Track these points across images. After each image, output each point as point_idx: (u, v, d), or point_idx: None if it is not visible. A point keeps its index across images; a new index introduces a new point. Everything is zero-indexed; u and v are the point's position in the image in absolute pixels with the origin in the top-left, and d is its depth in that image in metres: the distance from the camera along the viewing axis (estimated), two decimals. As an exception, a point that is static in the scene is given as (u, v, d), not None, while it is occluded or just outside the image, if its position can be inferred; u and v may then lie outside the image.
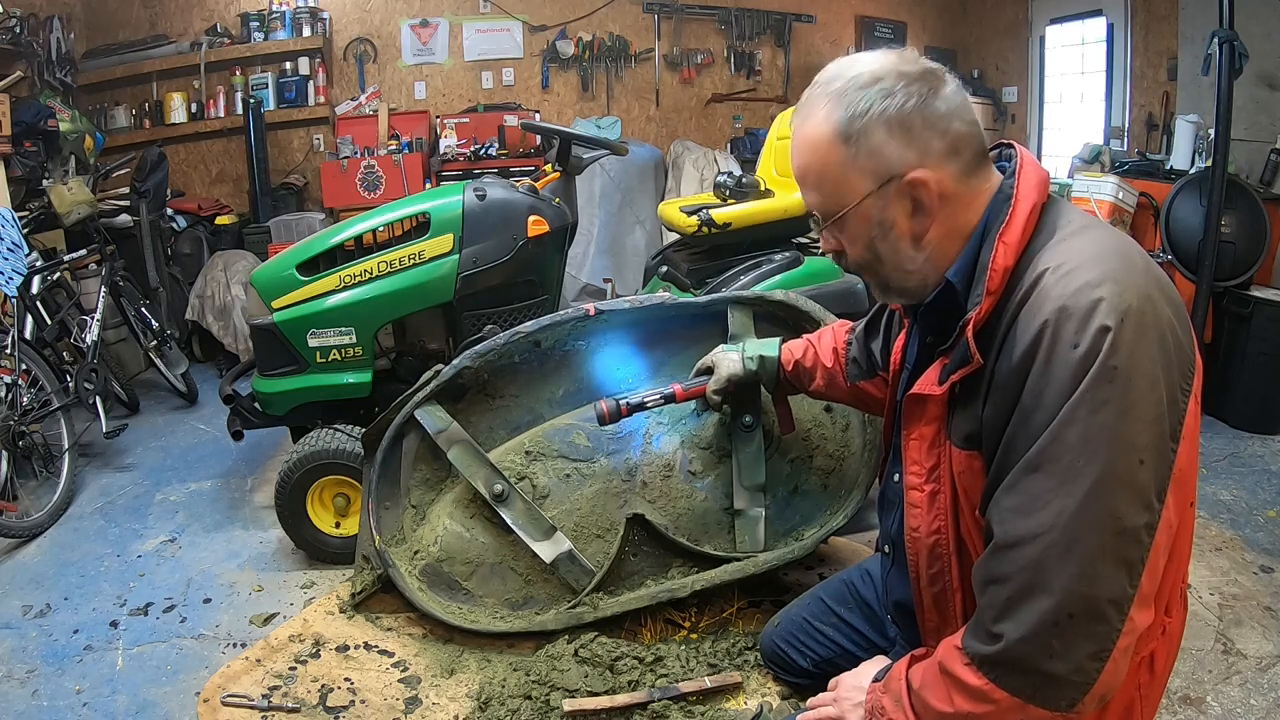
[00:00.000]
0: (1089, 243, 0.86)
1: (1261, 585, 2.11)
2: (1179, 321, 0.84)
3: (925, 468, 1.03)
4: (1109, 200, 3.31)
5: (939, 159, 0.91)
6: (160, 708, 1.76)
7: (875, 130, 0.90)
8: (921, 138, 0.90)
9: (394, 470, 1.98)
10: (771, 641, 1.59)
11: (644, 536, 1.91)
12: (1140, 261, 0.85)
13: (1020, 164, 0.94)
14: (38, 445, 2.74)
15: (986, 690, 0.85)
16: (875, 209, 0.94)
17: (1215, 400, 3.27)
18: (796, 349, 1.60)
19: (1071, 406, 0.79)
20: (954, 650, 0.90)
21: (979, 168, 0.94)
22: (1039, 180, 0.93)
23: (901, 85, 0.90)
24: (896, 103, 0.89)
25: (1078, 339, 0.79)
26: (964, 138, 0.91)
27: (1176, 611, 0.98)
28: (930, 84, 0.90)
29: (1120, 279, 0.81)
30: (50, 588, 2.25)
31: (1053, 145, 5.25)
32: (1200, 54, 3.11)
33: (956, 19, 5.87)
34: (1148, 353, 0.79)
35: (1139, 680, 0.95)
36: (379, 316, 2.30)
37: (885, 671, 1.04)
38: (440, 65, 5.08)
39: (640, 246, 4.82)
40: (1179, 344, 0.82)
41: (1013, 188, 0.92)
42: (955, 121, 0.91)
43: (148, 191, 3.76)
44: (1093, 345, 0.79)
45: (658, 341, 2.09)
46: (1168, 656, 0.99)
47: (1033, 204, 0.90)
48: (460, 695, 1.71)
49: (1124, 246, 0.87)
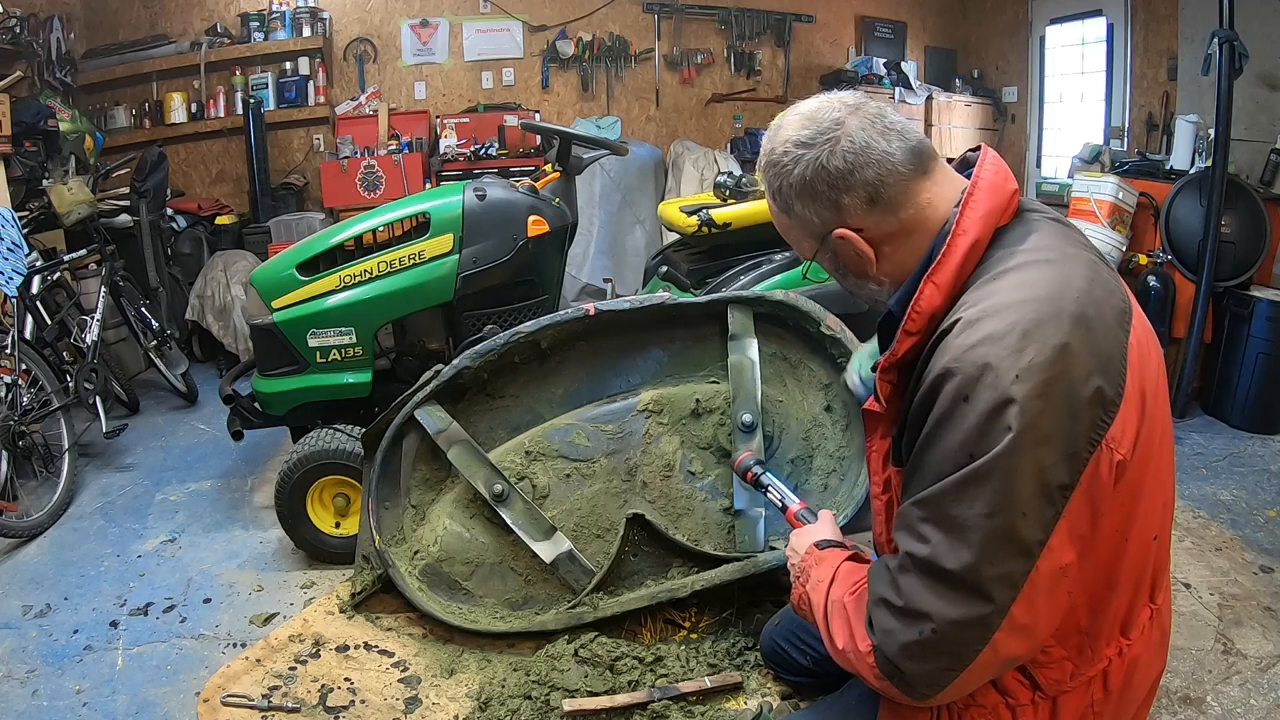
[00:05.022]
0: (1012, 286, 0.86)
1: (1261, 585, 2.11)
2: (1098, 363, 0.83)
3: (881, 479, 1.07)
4: (1109, 200, 3.31)
5: (858, 211, 0.94)
6: (160, 708, 1.76)
7: (794, 200, 0.97)
8: (829, 198, 0.94)
9: (394, 470, 1.99)
10: (772, 640, 1.59)
11: (644, 536, 1.91)
12: (1068, 303, 0.84)
13: (969, 192, 0.92)
14: (38, 445, 2.74)
15: (865, 654, 0.93)
16: (826, 259, 1.02)
17: (1215, 400, 3.28)
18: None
19: (964, 460, 0.83)
20: (867, 604, 0.95)
21: (913, 197, 0.94)
22: (987, 210, 0.91)
23: (794, 156, 0.95)
24: (797, 173, 0.94)
25: (976, 398, 0.82)
26: (877, 182, 0.92)
27: (1138, 635, 0.99)
28: (827, 143, 0.93)
29: (1029, 332, 0.82)
30: (50, 588, 2.25)
31: (1053, 145, 5.25)
32: (1200, 54, 3.12)
33: (956, 19, 5.87)
34: (1036, 413, 0.80)
35: (1091, 698, 0.98)
36: (379, 316, 2.31)
37: (826, 545, 1.13)
38: (440, 65, 5.08)
39: (640, 246, 4.82)
40: (1090, 393, 0.82)
41: (954, 220, 0.91)
42: (861, 172, 0.92)
43: (148, 191, 3.76)
44: (991, 410, 0.81)
45: (658, 341, 2.09)
46: (1128, 676, 1.00)
47: (973, 240, 0.90)
48: (460, 695, 1.71)
49: (1051, 286, 0.85)
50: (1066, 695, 0.97)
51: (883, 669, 0.91)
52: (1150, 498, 0.93)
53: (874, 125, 0.93)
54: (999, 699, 0.98)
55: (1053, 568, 0.84)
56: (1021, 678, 0.97)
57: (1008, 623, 0.84)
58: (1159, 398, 0.93)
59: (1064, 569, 0.85)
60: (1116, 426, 0.84)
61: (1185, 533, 2.38)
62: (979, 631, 0.85)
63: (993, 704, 0.98)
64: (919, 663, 0.88)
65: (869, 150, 0.92)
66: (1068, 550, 0.85)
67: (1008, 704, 0.98)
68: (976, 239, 0.90)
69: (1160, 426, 0.93)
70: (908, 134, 0.95)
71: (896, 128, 0.94)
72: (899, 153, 0.93)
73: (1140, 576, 0.98)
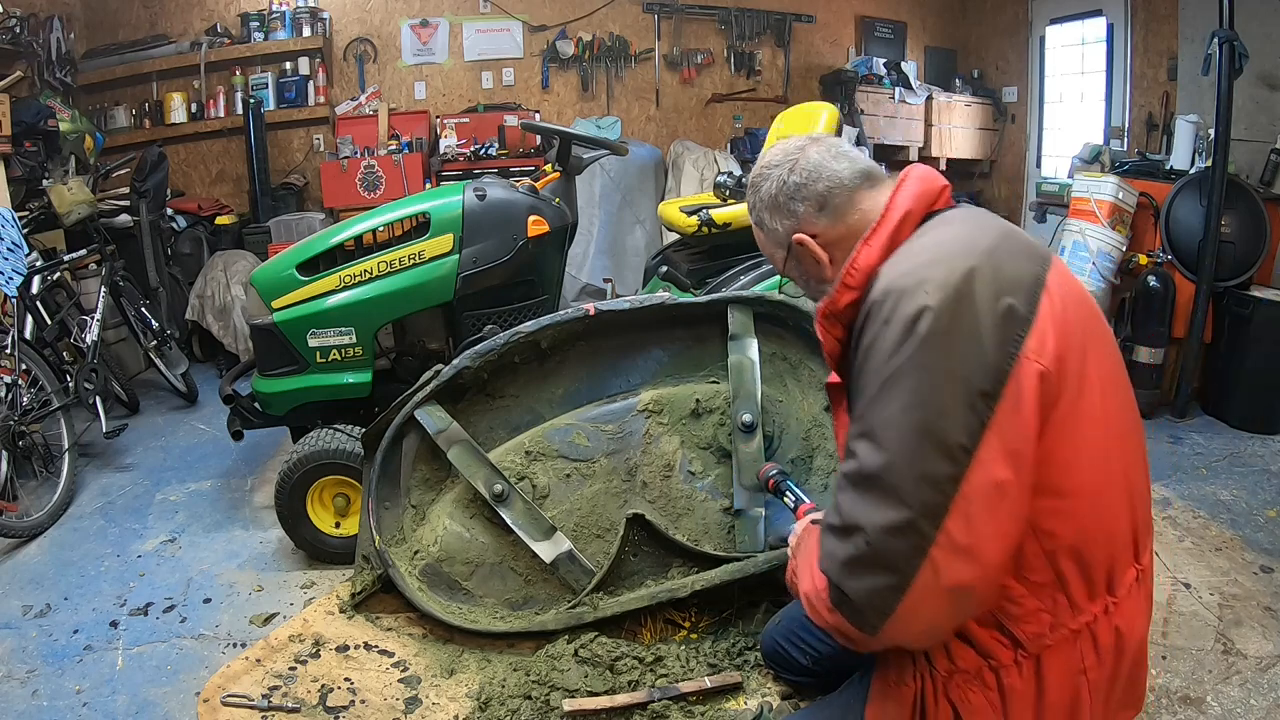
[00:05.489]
0: (932, 240, 1.00)
1: (1261, 585, 2.11)
2: (1007, 285, 0.92)
3: (844, 450, 1.13)
4: (1109, 200, 3.31)
5: (811, 217, 1.11)
6: (160, 708, 1.76)
7: (764, 214, 1.16)
8: (789, 208, 1.12)
9: (394, 470, 1.99)
10: (772, 639, 1.59)
11: (644, 536, 1.91)
12: (979, 244, 0.95)
13: (901, 179, 1.08)
14: (38, 445, 2.74)
15: (821, 590, 0.98)
16: (793, 268, 1.18)
17: (1215, 400, 3.28)
18: None
19: (886, 371, 0.92)
20: (819, 551, 1.01)
21: (857, 204, 1.10)
22: (918, 192, 1.05)
23: (765, 175, 1.15)
24: (765, 189, 1.15)
25: (894, 315, 0.92)
26: (826, 192, 1.10)
27: (1125, 595, 1.01)
28: (788, 164, 1.12)
29: (943, 262, 0.93)
30: (50, 588, 2.25)
31: (1053, 145, 5.24)
32: (1200, 54, 3.12)
33: (956, 19, 5.87)
34: (948, 318, 0.89)
35: (1082, 658, 0.99)
36: (379, 316, 2.30)
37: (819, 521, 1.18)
38: (440, 65, 5.08)
39: (640, 246, 4.82)
40: (1002, 308, 0.91)
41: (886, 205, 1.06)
42: (814, 185, 1.10)
43: (148, 191, 3.76)
44: (907, 320, 0.90)
45: (658, 341, 2.09)
46: (1119, 637, 1.00)
47: (905, 211, 1.03)
48: (460, 695, 1.71)
49: (968, 237, 0.98)
50: (1051, 652, 0.98)
51: (832, 599, 0.95)
52: (1104, 440, 0.97)
53: (829, 151, 1.12)
54: (980, 661, 0.99)
55: (986, 481, 0.87)
56: (1000, 635, 0.98)
57: (944, 538, 0.87)
58: (1097, 344, 1.00)
59: (1000, 485, 0.88)
60: (1033, 340, 0.91)
61: (1185, 533, 2.38)
62: (912, 540, 0.88)
63: (975, 668, 1.00)
64: (858, 579, 0.91)
65: (821, 168, 1.11)
66: (1001, 465, 0.88)
67: (990, 666, 0.99)
68: (909, 210, 1.04)
69: (1103, 374, 0.99)
70: (858, 160, 1.13)
71: (848, 155, 1.13)
72: (846, 171, 1.10)
73: (1115, 529, 1.00)
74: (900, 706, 1.06)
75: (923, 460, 0.88)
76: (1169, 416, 3.29)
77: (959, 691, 1.01)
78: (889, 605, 0.89)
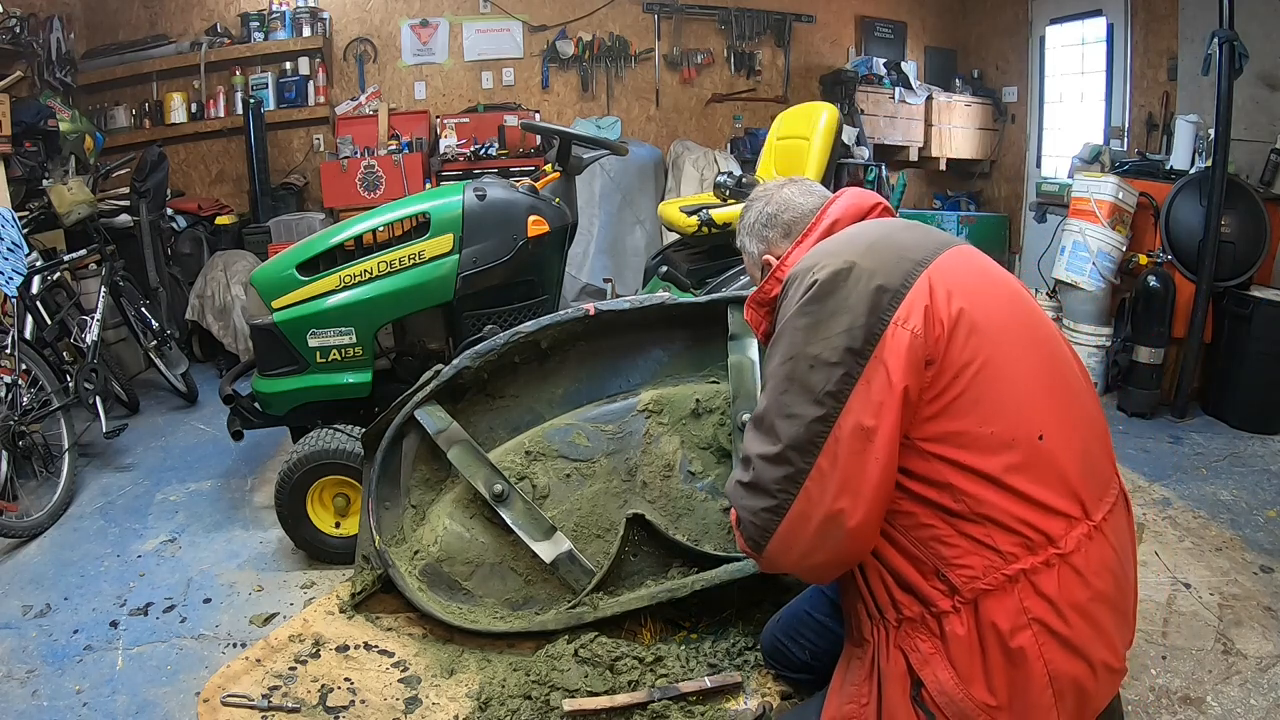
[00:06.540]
0: (838, 236, 1.21)
1: (1261, 585, 2.11)
2: (880, 271, 1.07)
3: None
4: (1109, 200, 3.31)
5: (777, 242, 1.34)
6: (160, 708, 1.76)
7: (745, 240, 1.41)
8: (761, 234, 1.36)
9: (394, 470, 1.99)
10: (772, 636, 1.60)
11: (644, 536, 1.91)
12: (867, 240, 1.14)
13: (831, 199, 1.30)
14: (38, 445, 2.74)
15: (733, 514, 1.15)
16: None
17: (1215, 400, 3.28)
18: None
19: (779, 332, 1.12)
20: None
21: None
22: (847, 205, 1.27)
23: (750, 207, 1.39)
24: (746, 219, 1.40)
25: (794, 288, 1.13)
26: (791, 221, 1.33)
27: (1075, 550, 1.02)
28: (765, 197, 1.37)
29: (836, 251, 1.12)
30: (50, 588, 2.25)
31: (1053, 145, 5.24)
32: (1200, 54, 3.12)
33: (956, 19, 5.87)
34: (826, 289, 1.07)
35: (1022, 603, 1.01)
36: (379, 316, 2.30)
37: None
38: (440, 65, 5.08)
39: (640, 246, 4.82)
40: (873, 286, 1.05)
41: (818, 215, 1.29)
42: (782, 215, 1.34)
43: (148, 191, 3.76)
44: (801, 290, 1.10)
45: (658, 341, 2.09)
46: (1067, 588, 1.01)
47: (833, 220, 1.25)
48: (460, 695, 1.71)
49: (861, 236, 1.17)
50: (989, 597, 1.01)
51: (738, 524, 1.13)
52: (1009, 395, 1.04)
53: (799, 190, 1.37)
54: (922, 609, 1.06)
55: (853, 425, 1.02)
56: (936, 582, 1.05)
57: (816, 472, 1.03)
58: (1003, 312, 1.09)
59: (865, 431, 1.01)
60: (902, 310, 1.04)
61: (1185, 533, 2.38)
62: (785, 470, 1.05)
63: (919, 614, 1.06)
64: (746, 500, 1.10)
65: (790, 202, 1.35)
66: (868, 413, 1.01)
67: (931, 613, 1.05)
68: (836, 219, 1.26)
69: (1014, 334, 1.08)
70: (824, 196, 1.34)
71: (816, 192, 1.36)
72: (809, 204, 1.33)
73: (1045, 478, 1.03)
74: (861, 664, 1.16)
75: (791, 404, 1.05)
76: (1169, 416, 3.29)
77: (908, 640, 1.08)
78: (770, 526, 1.06)
